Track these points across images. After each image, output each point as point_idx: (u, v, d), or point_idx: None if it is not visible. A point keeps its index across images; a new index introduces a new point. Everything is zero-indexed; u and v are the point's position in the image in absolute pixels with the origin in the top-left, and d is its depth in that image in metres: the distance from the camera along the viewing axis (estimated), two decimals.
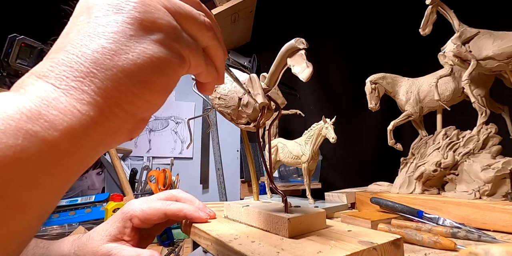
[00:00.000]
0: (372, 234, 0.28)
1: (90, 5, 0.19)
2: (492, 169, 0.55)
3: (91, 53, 0.17)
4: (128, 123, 0.19)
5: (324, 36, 1.43)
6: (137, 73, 0.18)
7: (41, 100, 0.16)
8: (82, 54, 0.17)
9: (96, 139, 0.18)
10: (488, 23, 0.62)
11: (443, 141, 0.66)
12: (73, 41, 0.18)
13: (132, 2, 0.19)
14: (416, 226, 0.48)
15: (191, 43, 0.21)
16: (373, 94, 0.77)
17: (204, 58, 0.23)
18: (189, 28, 0.21)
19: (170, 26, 0.20)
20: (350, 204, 0.77)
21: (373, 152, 1.40)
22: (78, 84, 0.17)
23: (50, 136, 0.15)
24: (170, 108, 1.39)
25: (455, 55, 0.61)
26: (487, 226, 0.49)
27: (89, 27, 0.18)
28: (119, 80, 0.18)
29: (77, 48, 0.17)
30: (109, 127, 0.18)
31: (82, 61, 0.17)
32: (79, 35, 0.18)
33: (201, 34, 0.22)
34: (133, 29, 0.18)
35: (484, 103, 0.63)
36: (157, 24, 0.19)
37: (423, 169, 0.65)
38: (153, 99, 0.20)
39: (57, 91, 0.16)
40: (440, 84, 0.71)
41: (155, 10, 0.19)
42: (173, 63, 0.20)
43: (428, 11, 0.63)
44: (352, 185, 0.97)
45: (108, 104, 0.18)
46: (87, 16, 0.19)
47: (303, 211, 0.33)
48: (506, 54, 0.55)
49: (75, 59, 0.17)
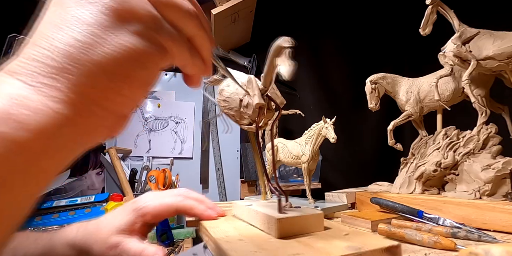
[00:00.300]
0: (368, 239, 0.27)
1: None
2: (492, 169, 0.55)
3: (64, 47, 0.16)
4: (107, 120, 0.18)
5: (324, 36, 1.43)
6: (114, 67, 0.17)
7: (10, 98, 0.15)
8: (54, 48, 0.16)
9: (72, 139, 0.17)
10: (488, 23, 0.62)
11: (443, 141, 0.66)
12: (44, 35, 0.17)
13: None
14: (416, 226, 0.48)
15: (173, 33, 0.19)
16: (373, 94, 0.77)
17: (189, 49, 0.21)
18: (171, 17, 0.19)
19: (149, 15, 0.18)
20: (350, 204, 0.77)
21: (373, 152, 1.40)
22: (51, 81, 0.16)
23: (19, 137, 0.14)
24: (170, 108, 1.39)
25: (455, 55, 0.61)
26: (487, 226, 0.49)
27: (61, 19, 0.17)
28: (95, 76, 0.16)
29: (49, 42, 0.16)
30: (86, 126, 0.17)
31: (54, 56, 0.16)
32: (51, 28, 0.17)
33: (185, 23, 0.20)
34: (109, 20, 0.17)
35: (484, 103, 0.63)
36: (134, 13, 0.17)
37: (423, 169, 0.65)
38: (133, 94, 0.19)
39: (28, 89, 0.15)
40: (440, 84, 0.71)
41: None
42: (153, 55, 0.18)
43: (428, 11, 0.63)
44: (352, 185, 0.97)
45: (83, 102, 0.17)
46: (58, 7, 0.17)
47: (299, 212, 0.32)
48: (506, 54, 0.55)
49: (46, 53, 0.16)
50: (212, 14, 1.23)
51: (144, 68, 0.18)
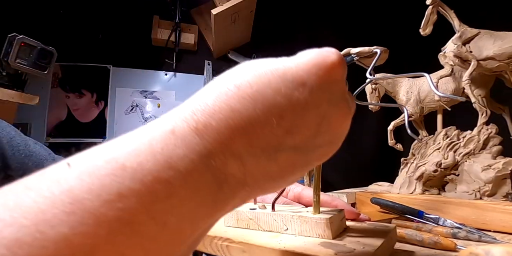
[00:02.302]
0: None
1: (305, 82, 0.18)
2: (493, 169, 0.54)
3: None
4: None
5: (324, 36, 1.43)
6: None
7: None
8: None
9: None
10: (488, 23, 0.62)
11: (443, 142, 0.66)
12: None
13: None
14: (416, 227, 0.48)
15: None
16: (373, 94, 0.77)
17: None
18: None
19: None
20: (350, 204, 0.77)
21: (373, 152, 1.40)
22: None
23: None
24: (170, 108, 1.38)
25: (455, 56, 0.60)
26: (487, 226, 0.49)
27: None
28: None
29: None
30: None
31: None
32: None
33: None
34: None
35: (484, 104, 0.63)
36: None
37: (424, 170, 0.65)
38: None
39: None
40: (441, 84, 0.71)
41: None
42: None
43: (428, 11, 0.62)
44: (352, 185, 0.96)
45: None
46: (306, 93, 0.18)
47: (330, 213, 0.32)
48: (507, 54, 0.55)
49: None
50: (212, 14, 1.23)
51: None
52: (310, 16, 1.45)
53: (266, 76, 0.17)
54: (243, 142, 0.16)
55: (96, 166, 0.13)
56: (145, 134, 0.16)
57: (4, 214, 0.11)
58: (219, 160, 0.16)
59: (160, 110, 1.57)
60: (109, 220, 0.12)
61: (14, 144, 0.44)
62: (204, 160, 0.15)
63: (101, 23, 1.58)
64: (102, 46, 1.59)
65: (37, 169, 0.14)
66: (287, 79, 0.17)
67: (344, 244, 0.28)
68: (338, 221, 0.31)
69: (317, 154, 0.21)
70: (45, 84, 1.50)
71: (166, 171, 0.14)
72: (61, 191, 0.12)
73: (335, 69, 0.19)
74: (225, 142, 0.16)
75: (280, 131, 0.17)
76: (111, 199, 0.12)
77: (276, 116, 0.17)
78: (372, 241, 0.28)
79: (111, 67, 1.62)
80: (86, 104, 1.58)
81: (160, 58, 1.64)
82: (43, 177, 0.13)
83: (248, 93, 0.16)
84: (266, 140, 0.17)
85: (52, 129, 1.52)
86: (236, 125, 0.16)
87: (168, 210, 0.14)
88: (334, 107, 0.20)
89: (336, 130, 0.21)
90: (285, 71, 0.18)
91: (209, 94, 0.17)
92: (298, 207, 0.37)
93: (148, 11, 1.62)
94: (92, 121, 1.58)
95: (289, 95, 0.17)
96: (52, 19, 1.48)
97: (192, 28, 1.69)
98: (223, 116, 0.16)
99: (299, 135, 0.18)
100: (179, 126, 0.16)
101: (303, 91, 0.18)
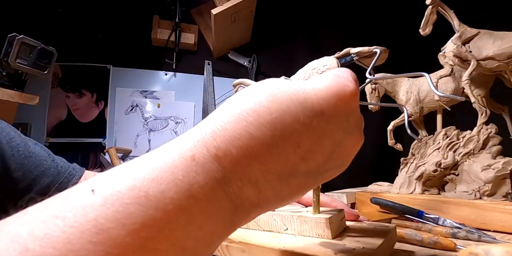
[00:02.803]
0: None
1: (324, 111, 0.18)
2: (492, 169, 0.55)
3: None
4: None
5: (324, 36, 1.43)
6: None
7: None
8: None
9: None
10: (488, 23, 0.62)
11: (443, 141, 0.66)
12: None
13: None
14: (416, 226, 0.48)
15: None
16: (373, 94, 0.77)
17: None
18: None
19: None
20: (350, 204, 0.77)
21: (373, 152, 1.41)
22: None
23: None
24: (170, 108, 1.39)
25: (455, 55, 0.61)
26: (487, 226, 0.49)
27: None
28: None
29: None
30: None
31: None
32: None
33: None
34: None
35: (484, 103, 0.63)
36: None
37: (423, 169, 0.65)
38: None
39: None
40: (440, 84, 0.71)
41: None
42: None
43: (428, 11, 0.63)
44: (352, 185, 0.96)
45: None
46: (324, 124, 0.18)
47: (329, 213, 0.32)
48: (507, 54, 0.55)
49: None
50: (212, 14, 1.23)
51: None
52: (310, 16, 1.45)
53: (286, 102, 0.17)
54: (260, 169, 0.17)
55: (120, 193, 0.13)
56: (166, 159, 0.16)
57: (34, 244, 0.11)
58: (236, 186, 0.16)
59: (160, 110, 1.56)
60: (134, 249, 0.13)
61: (13, 145, 0.44)
62: (223, 187, 0.16)
63: (101, 23, 1.58)
64: (102, 46, 1.59)
65: (37, 169, 0.14)
66: (307, 107, 0.17)
67: (344, 244, 0.28)
68: (338, 221, 0.31)
69: (326, 176, 0.21)
70: (45, 84, 1.50)
71: (187, 200, 0.14)
72: (87, 221, 0.12)
73: (353, 100, 0.19)
74: (243, 170, 0.16)
75: (296, 158, 0.18)
76: (136, 229, 0.13)
77: (294, 145, 0.17)
78: (372, 241, 0.28)
79: (111, 67, 1.62)
80: (86, 104, 1.58)
81: (160, 58, 1.64)
82: (68, 203, 0.13)
83: (267, 120, 0.17)
84: (282, 166, 0.17)
85: (52, 129, 1.52)
86: (255, 153, 0.16)
87: (187, 236, 0.14)
88: (348, 135, 0.20)
89: (347, 156, 0.22)
90: (306, 98, 0.18)
91: (228, 118, 0.17)
92: (298, 207, 0.37)
93: (148, 11, 1.62)
94: (92, 121, 1.58)
95: (308, 124, 0.17)
96: (52, 19, 1.48)
97: (192, 28, 1.69)
98: (242, 144, 0.16)
99: (313, 161, 0.19)
100: (199, 152, 0.16)
101: (321, 120, 0.18)
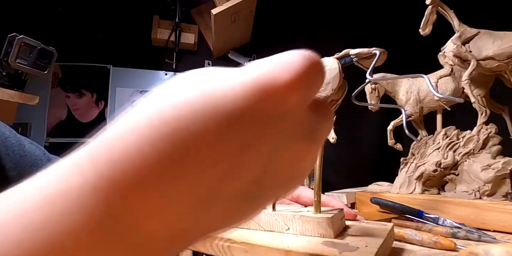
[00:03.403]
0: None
1: (244, 114, 0.13)
2: (492, 169, 0.55)
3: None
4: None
5: (324, 36, 1.43)
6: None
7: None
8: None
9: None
10: (488, 23, 0.62)
11: (443, 141, 0.66)
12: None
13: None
14: (416, 226, 0.48)
15: None
16: (373, 94, 0.77)
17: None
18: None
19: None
20: (350, 204, 0.77)
21: (373, 152, 1.41)
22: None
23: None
24: None
25: (455, 55, 0.61)
26: (487, 226, 0.49)
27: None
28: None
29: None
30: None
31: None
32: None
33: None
34: None
35: (484, 103, 0.63)
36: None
37: (423, 169, 0.65)
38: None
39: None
40: (440, 84, 0.71)
41: None
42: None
43: (428, 11, 0.63)
44: (352, 185, 0.97)
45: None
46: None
47: (332, 212, 0.32)
48: (506, 54, 0.55)
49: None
50: (212, 14, 1.23)
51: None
52: (310, 16, 1.45)
53: (192, 106, 0.12)
54: (161, 199, 0.12)
55: None
56: (27, 196, 0.11)
57: None
58: (131, 222, 0.12)
59: None
60: None
61: (8, 145, 0.44)
62: (112, 226, 0.11)
63: (101, 23, 1.58)
64: (102, 46, 1.59)
65: (32, 169, 0.12)
66: (219, 110, 0.12)
67: (346, 243, 0.28)
68: (339, 220, 0.32)
69: (270, 195, 0.17)
70: (45, 84, 1.50)
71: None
72: None
73: (289, 95, 0.13)
74: (136, 201, 0.11)
75: (210, 181, 0.13)
76: None
77: (205, 162, 0.12)
78: (373, 240, 0.28)
79: (111, 67, 1.62)
80: (86, 104, 1.58)
81: (160, 58, 1.64)
82: None
83: (164, 133, 0.12)
84: (192, 193, 0.13)
85: (52, 129, 1.52)
86: (151, 178, 0.11)
87: None
88: (286, 144, 0.15)
89: (291, 169, 0.16)
90: (218, 101, 0.12)
91: (113, 131, 0.13)
92: (298, 207, 0.37)
93: (148, 11, 1.62)
94: (92, 121, 1.58)
95: (222, 133, 0.12)
96: (52, 19, 1.48)
97: (192, 28, 1.69)
98: (131, 166, 0.11)
99: (238, 180, 0.14)
100: (74, 182, 0.11)
101: (241, 126, 0.13)
